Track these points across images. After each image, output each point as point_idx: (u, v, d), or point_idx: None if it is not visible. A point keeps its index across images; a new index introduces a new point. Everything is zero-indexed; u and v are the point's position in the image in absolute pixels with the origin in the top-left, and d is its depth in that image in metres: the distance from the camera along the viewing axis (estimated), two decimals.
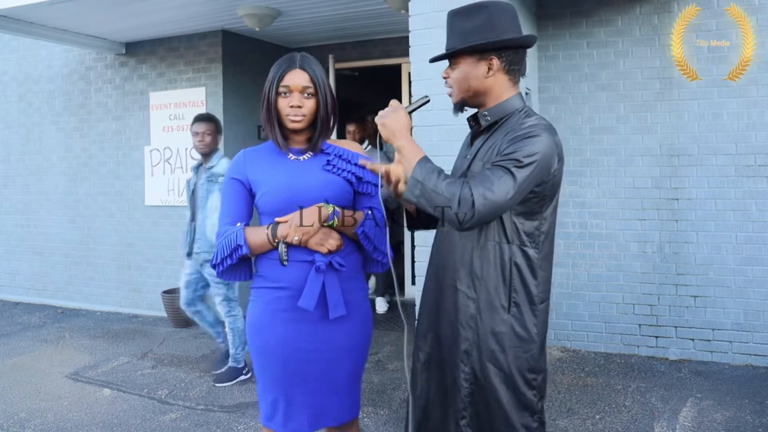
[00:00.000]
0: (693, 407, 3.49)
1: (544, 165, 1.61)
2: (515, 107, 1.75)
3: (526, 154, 1.58)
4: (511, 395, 1.70)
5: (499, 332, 1.69)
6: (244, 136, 5.71)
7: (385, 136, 1.69)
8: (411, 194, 1.60)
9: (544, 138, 1.62)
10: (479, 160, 1.72)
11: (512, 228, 1.68)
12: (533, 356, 1.71)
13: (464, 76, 1.74)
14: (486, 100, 1.76)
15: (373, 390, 3.83)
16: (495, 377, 1.69)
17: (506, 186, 1.55)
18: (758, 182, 4.08)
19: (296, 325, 1.93)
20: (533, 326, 1.71)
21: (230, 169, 2.04)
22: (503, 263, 1.69)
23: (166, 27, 5.45)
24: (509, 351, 1.69)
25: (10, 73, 6.73)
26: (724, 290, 4.18)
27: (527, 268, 1.69)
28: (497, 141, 1.68)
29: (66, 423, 3.50)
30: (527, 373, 1.70)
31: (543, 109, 4.58)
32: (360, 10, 4.96)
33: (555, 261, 4.59)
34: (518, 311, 1.69)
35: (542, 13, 4.55)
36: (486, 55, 1.71)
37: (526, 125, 1.65)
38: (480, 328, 1.70)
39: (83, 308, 6.31)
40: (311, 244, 1.89)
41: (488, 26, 1.69)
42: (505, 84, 1.75)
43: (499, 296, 1.69)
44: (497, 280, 1.69)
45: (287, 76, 1.92)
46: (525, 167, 1.57)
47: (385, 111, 1.72)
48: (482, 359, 1.70)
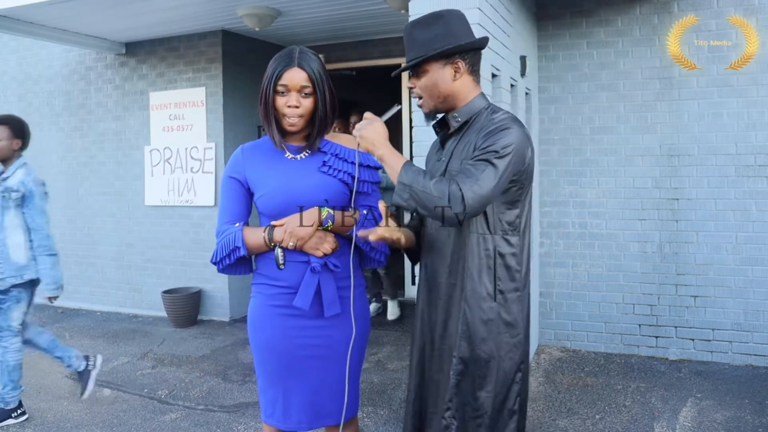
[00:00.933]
0: (693, 407, 3.49)
1: (520, 154, 1.71)
2: (481, 106, 1.85)
3: (502, 146, 1.68)
4: (500, 381, 1.78)
5: (487, 320, 1.77)
6: (244, 136, 5.71)
7: (365, 147, 1.79)
8: (400, 198, 1.68)
9: (515, 129, 1.72)
10: (456, 159, 1.80)
11: (494, 218, 1.77)
12: (520, 341, 1.81)
13: (433, 82, 1.82)
14: (455, 102, 1.85)
15: (373, 390, 3.83)
16: (484, 364, 1.77)
17: (490, 177, 1.64)
18: (758, 182, 4.08)
19: (294, 321, 1.96)
20: (518, 312, 1.80)
21: (228, 167, 2.04)
22: (487, 253, 1.77)
23: (166, 27, 5.44)
24: (498, 337, 1.77)
25: (10, 73, 6.73)
26: (724, 290, 4.18)
27: (511, 256, 1.78)
28: (471, 138, 1.78)
29: (66, 423, 3.50)
30: (515, 357, 1.80)
31: (543, 109, 4.58)
32: (360, 10, 4.95)
33: (555, 261, 4.64)
34: (503, 298, 1.78)
35: (542, 13, 4.55)
36: (452, 59, 1.80)
37: (497, 120, 1.76)
38: (469, 317, 1.77)
39: (83, 308, 6.31)
40: (306, 248, 1.92)
41: (449, 33, 1.79)
42: (470, 85, 1.84)
43: (484, 285, 1.77)
44: (482, 270, 1.77)
45: (285, 74, 1.90)
46: (504, 157, 1.67)
47: (361, 124, 1.81)
48: (473, 348, 1.77)
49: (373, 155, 1.78)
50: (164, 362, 4.51)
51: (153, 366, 4.44)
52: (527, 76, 4.12)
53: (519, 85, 3.90)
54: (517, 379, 1.81)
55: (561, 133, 4.55)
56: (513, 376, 1.80)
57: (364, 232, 1.86)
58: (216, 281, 5.60)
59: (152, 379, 4.17)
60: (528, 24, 4.30)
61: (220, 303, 5.66)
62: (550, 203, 4.59)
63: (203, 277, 5.69)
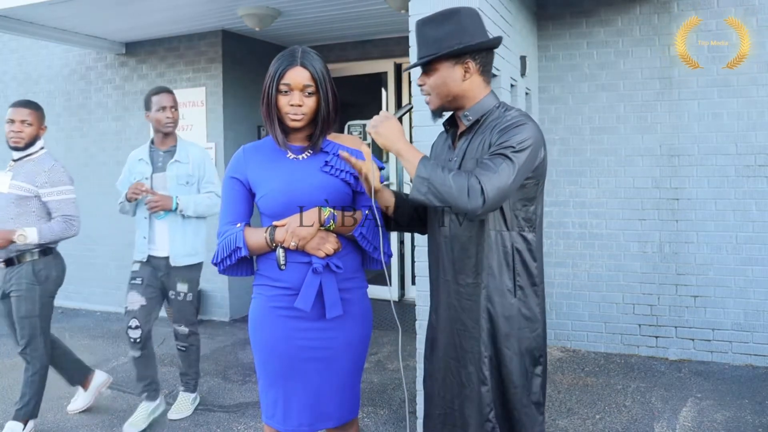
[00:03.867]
0: (693, 407, 3.49)
1: (536, 149, 1.72)
2: (492, 104, 1.84)
3: (519, 141, 1.68)
4: (523, 375, 1.79)
5: (509, 316, 1.78)
6: (244, 136, 5.71)
7: (381, 143, 1.77)
8: (418, 192, 1.68)
9: (530, 125, 1.72)
10: (470, 158, 1.79)
11: (511, 215, 1.77)
12: (539, 335, 1.83)
13: (443, 81, 1.81)
14: (464, 102, 1.84)
15: (373, 390, 3.83)
16: (510, 360, 1.77)
17: (508, 171, 1.64)
18: (758, 182, 4.08)
19: (295, 322, 1.94)
20: (536, 306, 1.82)
21: (230, 167, 2.03)
22: (505, 250, 1.78)
23: (166, 27, 5.45)
24: (519, 332, 1.78)
25: (10, 73, 6.73)
26: (724, 290, 4.18)
27: (527, 251, 1.79)
28: (485, 136, 1.77)
29: (66, 423, 3.50)
30: (535, 351, 1.81)
31: (543, 109, 4.58)
32: (360, 10, 4.95)
33: (555, 261, 4.64)
34: (523, 294, 1.79)
35: (542, 13, 4.55)
36: (462, 59, 1.79)
37: (510, 117, 1.76)
38: (492, 314, 1.78)
39: (83, 308, 6.31)
40: (308, 248, 1.90)
41: (461, 31, 1.77)
42: (480, 85, 1.84)
43: (504, 282, 1.78)
44: (501, 267, 1.78)
45: (288, 73, 1.89)
46: (521, 152, 1.67)
47: (376, 120, 1.80)
48: (497, 345, 1.78)
49: (389, 151, 1.76)
50: (164, 362, 4.50)
51: None
52: (527, 76, 4.12)
53: (519, 85, 3.90)
54: (538, 372, 1.82)
55: (561, 133, 4.55)
56: (534, 370, 1.81)
57: (347, 155, 1.86)
58: (216, 281, 5.60)
59: None
60: (528, 24, 4.30)
61: (220, 303, 5.66)
62: (550, 203, 4.59)
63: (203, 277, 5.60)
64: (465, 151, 1.82)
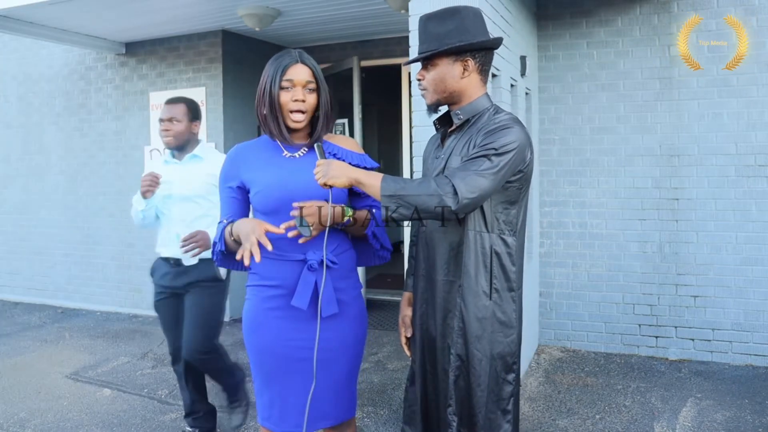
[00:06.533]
0: (693, 407, 3.49)
1: (520, 153, 1.73)
2: (485, 105, 1.86)
3: (502, 144, 1.69)
4: (493, 379, 1.79)
5: (482, 318, 1.79)
6: (244, 136, 5.71)
7: (341, 183, 1.73)
8: (389, 211, 1.67)
9: (517, 130, 1.73)
10: (456, 156, 1.81)
11: (492, 217, 1.78)
12: (513, 341, 1.83)
13: (441, 77, 1.83)
14: (459, 99, 1.86)
15: (373, 390, 3.83)
16: (479, 362, 1.78)
17: (485, 172, 1.66)
18: (758, 182, 4.08)
19: (290, 323, 1.94)
20: (512, 312, 1.82)
21: (222, 172, 2.04)
22: (484, 251, 1.78)
23: (166, 27, 5.45)
24: (492, 335, 1.79)
25: (10, 73, 6.73)
26: (724, 290, 4.18)
27: (506, 255, 1.80)
28: (472, 136, 1.80)
29: (66, 423, 3.50)
30: (508, 357, 1.81)
31: (543, 109, 4.58)
32: (360, 10, 4.96)
33: (555, 261, 4.64)
34: (499, 297, 1.80)
35: (542, 13, 4.55)
36: (462, 57, 1.81)
37: (498, 120, 1.77)
38: (464, 314, 1.79)
39: (83, 308, 6.31)
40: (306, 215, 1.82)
41: (463, 29, 1.79)
42: (477, 84, 1.86)
43: (480, 283, 1.78)
44: (478, 267, 1.79)
45: (290, 70, 1.92)
46: (503, 155, 1.68)
47: (320, 171, 1.74)
48: (467, 345, 1.79)
49: (352, 185, 1.74)
50: (164, 362, 4.50)
51: (153, 366, 4.44)
52: (527, 76, 4.12)
53: (519, 85, 3.90)
54: (510, 380, 1.82)
55: (561, 133, 4.55)
56: (506, 376, 1.81)
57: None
58: None
59: (152, 379, 4.17)
60: (528, 24, 4.31)
61: None
62: (550, 203, 4.59)
63: None
64: (452, 149, 1.85)
